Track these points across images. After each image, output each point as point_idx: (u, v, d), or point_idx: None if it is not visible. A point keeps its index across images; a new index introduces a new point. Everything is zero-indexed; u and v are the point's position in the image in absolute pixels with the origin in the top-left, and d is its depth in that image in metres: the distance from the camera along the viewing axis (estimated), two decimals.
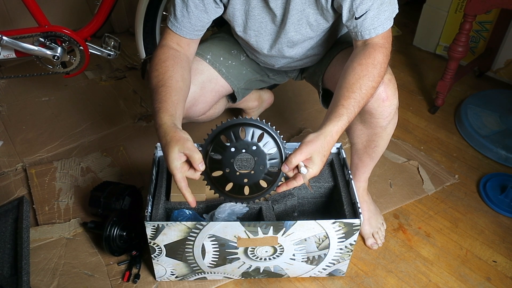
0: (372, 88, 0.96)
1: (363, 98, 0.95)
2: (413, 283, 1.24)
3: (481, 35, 1.99)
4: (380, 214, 1.38)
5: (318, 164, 0.91)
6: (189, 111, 1.23)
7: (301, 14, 1.04)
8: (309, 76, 1.33)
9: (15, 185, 1.50)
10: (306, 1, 1.02)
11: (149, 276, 1.23)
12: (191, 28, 1.07)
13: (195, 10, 1.05)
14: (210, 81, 1.25)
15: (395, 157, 1.62)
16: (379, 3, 0.95)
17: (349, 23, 1.00)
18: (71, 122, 1.77)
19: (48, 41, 1.56)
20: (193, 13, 1.05)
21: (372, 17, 0.96)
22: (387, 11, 0.96)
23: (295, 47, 1.15)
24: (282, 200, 1.19)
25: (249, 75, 1.33)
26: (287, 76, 1.40)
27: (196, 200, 1.18)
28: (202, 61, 1.24)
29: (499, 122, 1.72)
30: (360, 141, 1.20)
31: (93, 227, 1.32)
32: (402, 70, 2.10)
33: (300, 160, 0.90)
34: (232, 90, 1.32)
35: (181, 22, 1.06)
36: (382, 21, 0.97)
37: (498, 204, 1.45)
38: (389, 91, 1.05)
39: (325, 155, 0.92)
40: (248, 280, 1.23)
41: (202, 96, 1.23)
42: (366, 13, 0.95)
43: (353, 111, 0.94)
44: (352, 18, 0.98)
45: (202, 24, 1.08)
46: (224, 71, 1.26)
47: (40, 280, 1.22)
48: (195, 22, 1.06)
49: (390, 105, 1.07)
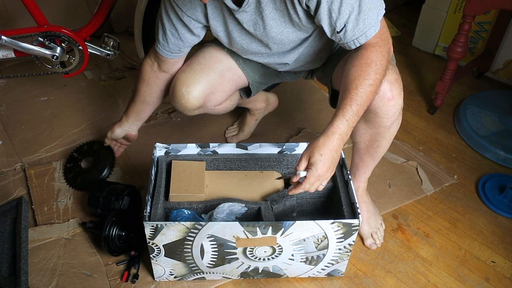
0: (370, 86, 0.96)
1: (362, 97, 0.95)
2: (411, 283, 1.24)
3: (480, 35, 1.99)
4: (379, 214, 1.38)
5: (317, 163, 0.93)
6: (207, 99, 1.25)
7: (281, 35, 1.07)
8: (320, 77, 1.35)
9: (14, 185, 1.50)
10: (282, 23, 1.04)
11: (148, 276, 1.23)
12: (170, 51, 1.21)
13: (172, 37, 1.17)
14: (229, 70, 1.26)
15: (394, 158, 1.62)
16: (356, 14, 0.94)
17: (334, 38, 1.00)
18: (70, 122, 1.77)
19: (47, 41, 1.56)
20: (170, 40, 1.18)
21: (352, 28, 0.96)
22: (367, 19, 0.95)
23: (288, 56, 1.18)
24: (281, 201, 1.19)
25: (263, 69, 1.33)
26: (297, 76, 1.40)
27: (195, 200, 1.19)
28: (221, 49, 1.25)
29: (498, 122, 1.72)
30: (362, 140, 1.20)
31: (92, 227, 1.32)
32: (401, 70, 2.07)
33: (303, 167, 0.96)
34: (247, 83, 1.33)
35: (162, 45, 1.20)
36: (362, 30, 0.96)
37: (496, 204, 1.45)
38: (394, 90, 1.05)
39: (323, 154, 0.93)
40: (247, 280, 1.23)
41: (220, 85, 1.25)
42: (345, 26, 0.95)
43: (351, 110, 0.94)
44: (334, 32, 0.98)
45: (179, 49, 1.21)
46: (241, 61, 1.28)
47: (39, 280, 1.22)
48: (173, 47, 1.20)
49: (395, 105, 1.07)
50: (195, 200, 1.19)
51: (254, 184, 1.25)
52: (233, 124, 1.74)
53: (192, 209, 1.18)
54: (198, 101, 1.23)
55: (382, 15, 0.99)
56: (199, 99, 1.23)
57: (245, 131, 1.67)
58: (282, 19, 1.03)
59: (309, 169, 0.94)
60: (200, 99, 1.23)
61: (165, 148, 1.27)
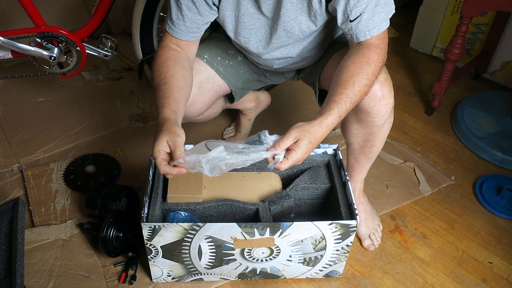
0: (365, 86, 0.97)
1: (356, 95, 0.96)
2: (409, 284, 1.25)
3: (477, 37, 2.00)
4: (376, 215, 1.38)
5: (303, 148, 0.92)
6: (187, 111, 1.23)
7: (294, 21, 1.05)
8: (306, 77, 1.34)
9: (11, 186, 1.50)
10: (299, 9, 1.03)
11: (146, 278, 1.23)
12: (186, 31, 1.09)
13: (189, 12, 1.06)
14: (208, 81, 1.25)
15: (391, 159, 1.62)
16: (374, 5, 0.95)
17: (344, 26, 1.00)
18: (68, 123, 1.76)
19: (44, 42, 1.56)
20: (187, 16, 1.07)
21: (366, 19, 0.96)
22: (382, 12, 0.96)
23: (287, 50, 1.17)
24: (278, 201, 1.19)
25: (246, 75, 1.33)
26: (284, 76, 1.40)
27: (193, 201, 1.19)
28: (199, 61, 1.24)
29: (495, 124, 1.73)
30: (356, 141, 1.20)
31: (90, 228, 1.31)
32: (399, 71, 2.11)
33: (288, 145, 0.92)
34: (229, 90, 1.32)
35: (176, 25, 1.08)
36: (376, 23, 0.97)
37: (494, 205, 1.45)
38: (385, 90, 1.06)
39: (312, 142, 0.93)
40: (244, 281, 1.23)
41: (200, 96, 1.23)
42: (360, 15, 0.96)
43: (345, 107, 0.95)
44: (346, 21, 0.98)
45: (197, 26, 1.09)
46: (222, 70, 1.26)
47: (36, 282, 1.22)
48: (190, 25, 1.08)
49: (386, 104, 1.08)
50: (193, 201, 1.19)
51: (252, 185, 1.25)
52: (231, 125, 1.74)
53: (190, 210, 1.17)
54: None
55: (391, 14, 1.00)
56: None
57: (241, 132, 1.67)
58: (300, 4, 1.02)
59: (292, 150, 0.92)
60: None
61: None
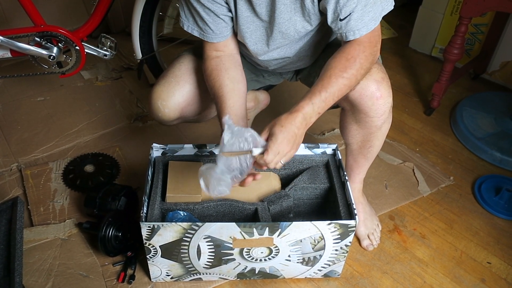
0: (344, 79, 0.96)
1: (333, 87, 0.95)
2: (408, 284, 1.25)
3: (477, 37, 2.00)
4: (375, 215, 1.38)
5: (277, 134, 0.92)
6: (184, 111, 1.23)
7: (289, 22, 1.06)
8: (304, 78, 1.34)
9: (10, 185, 1.50)
10: (292, 10, 1.03)
11: (144, 277, 1.23)
12: (215, 33, 1.11)
13: (208, 17, 1.08)
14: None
15: (390, 159, 1.62)
16: (363, 5, 0.95)
17: (333, 25, 1.00)
18: (67, 122, 1.76)
19: (44, 41, 1.56)
20: (208, 21, 1.09)
21: (356, 18, 0.96)
22: (371, 11, 0.96)
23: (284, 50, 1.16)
24: (278, 201, 1.19)
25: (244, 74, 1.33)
26: (282, 77, 1.40)
27: (192, 201, 1.19)
28: (197, 60, 1.24)
29: (494, 124, 1.73)
30: (355, 141, 1.20)
31: (89, 228, 1.31)
32: (398, 72, 2.11)
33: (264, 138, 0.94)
34: None
35: (206, 31, 1.11)
36: (366, 22, 0.97)
37: (492, 206, 1.46)
38: (382, 89, 1.05)
39: (284, 126, 0.92)
40: (243, 281, 1.23)
41: (197, 96, 1.24)
42: (350, 15, 0.96)
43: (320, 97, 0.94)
44: (336, 19, 0.98)
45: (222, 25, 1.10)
46: None
47: (35, 281, 1.22)
48: (215, 27, 1.10)
49: (384, 104, 1.07)
50: (192, 201, 1.19)
51: (251, 185, 1.24)
52: None
53: (189, 210, 1.17)
54: (174, 114, 1.22)
55: (387, 11, 0.99)
56: (175, 112, 1.22)
57: None
58: (293, 5, 1.02)
59: (269, 140, 0.93)
60: (176, 112, 1.22)
61: (162, 148, 1.27)
